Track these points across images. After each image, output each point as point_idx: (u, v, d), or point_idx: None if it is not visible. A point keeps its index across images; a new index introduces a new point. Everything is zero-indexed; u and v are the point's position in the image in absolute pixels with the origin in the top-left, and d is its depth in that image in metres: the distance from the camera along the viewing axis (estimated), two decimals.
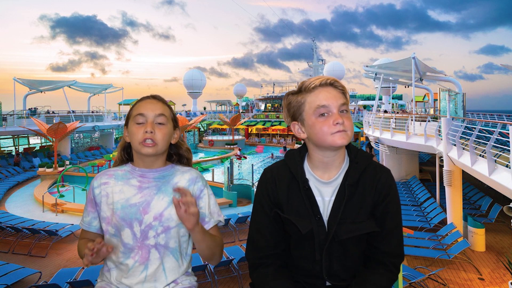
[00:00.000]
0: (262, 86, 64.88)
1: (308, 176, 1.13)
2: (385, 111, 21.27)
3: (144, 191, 1.22)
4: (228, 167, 13.47)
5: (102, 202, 1.23)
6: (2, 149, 23.99)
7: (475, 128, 7.16)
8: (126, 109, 34.67)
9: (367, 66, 18.91)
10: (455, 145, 8.09)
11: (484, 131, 7.21)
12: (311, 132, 1.09)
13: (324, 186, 1.12)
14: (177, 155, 1.36)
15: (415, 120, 12.27)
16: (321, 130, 1.05)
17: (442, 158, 9.17)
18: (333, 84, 1.09)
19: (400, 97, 47.66)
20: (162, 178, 1.26)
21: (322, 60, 51.85)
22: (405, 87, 19.75)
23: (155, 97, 1.27)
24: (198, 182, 1.27)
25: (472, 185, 12.33)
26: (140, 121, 1.20)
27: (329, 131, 1.04)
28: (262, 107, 49.37)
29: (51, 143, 20.10)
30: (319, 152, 1.11)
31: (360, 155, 1.14)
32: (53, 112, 25.54)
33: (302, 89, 1.11)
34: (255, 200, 1.21)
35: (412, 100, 18.75)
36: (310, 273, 1.13)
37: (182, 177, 1.27)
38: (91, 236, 1.30)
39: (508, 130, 5.71)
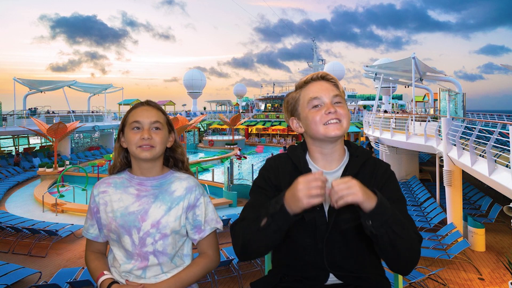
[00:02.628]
0: (262, 86, 64.66)
1: (309, 167, 1.15)
2: (385, 111, 21.23)
3: (142, 199, 1.26)
4: (228, 167, 13.47)
5: (101, 210, 1.28)
6: (2, 149, 23.99)
7: (475, 128, 7.16)
8: (126, 109, 34.65)
9: (367, 66, 18.92)
10: (455, 145, 8.09)
11: (484, 131, 7.20)
12: (306, 124, 1.11)
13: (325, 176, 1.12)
14: (172, 158, 1.39)
15: (415, 120, 12.26)
16: (313, 120, 1.07)
17: (442, 158, 9.17)
18: (324, 77, 1.13)
19: (400, 97, 47.64)
20: (160, 186, 1.29)
21: (322, 60, 51.80)
22: (405, 87, 19.76)
23: (149, 104, 1.30)
24: (195, 191, 1.30)
25: (472, 185, 12.33)
26: (136, 127, 1.25)
27: (322, 120, 1.06)
28: (262, 107, 49.31)
29: (51, 143, 20.10)
30: (317, 144, 1.13)
31: (361, 151, 1.17)
32: (53, 112, 25.55)
33: (297, 87, 1.17)
34: (254, 183, 1.20)
35: (412, 100, 18.74)
36: (312, 265, 1.11)
37: (180, 184, 1.30)
38: (96, 246, 1.35)
39: (508, 130, 5.71)
